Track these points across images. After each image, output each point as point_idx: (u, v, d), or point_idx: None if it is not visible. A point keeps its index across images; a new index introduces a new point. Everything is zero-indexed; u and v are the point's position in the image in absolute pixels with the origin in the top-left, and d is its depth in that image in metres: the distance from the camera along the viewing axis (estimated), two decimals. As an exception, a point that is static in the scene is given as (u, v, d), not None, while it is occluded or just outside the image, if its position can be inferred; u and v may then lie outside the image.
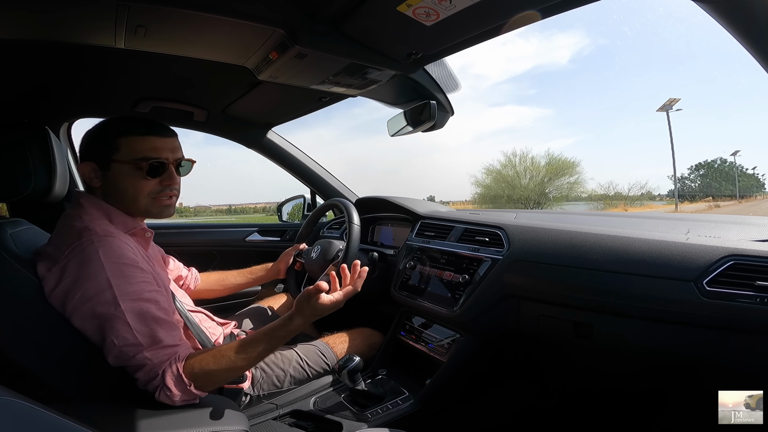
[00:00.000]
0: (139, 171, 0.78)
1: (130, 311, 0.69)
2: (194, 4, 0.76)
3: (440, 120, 1.26)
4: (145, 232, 0.84)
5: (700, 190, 38.38)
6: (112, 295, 0.69)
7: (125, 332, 0.68)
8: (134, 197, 0.80)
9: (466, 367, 1.05)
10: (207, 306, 1.11)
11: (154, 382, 0.69)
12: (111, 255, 0.71)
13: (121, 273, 0.71)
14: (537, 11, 0.75)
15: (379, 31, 0.87)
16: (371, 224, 1.59)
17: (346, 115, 53.56)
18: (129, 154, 0.78)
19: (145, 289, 0.72)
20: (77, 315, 0.70)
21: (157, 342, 0.70)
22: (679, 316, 0.72)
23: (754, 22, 0.53)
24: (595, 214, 1.40)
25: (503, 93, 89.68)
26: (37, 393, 0.70)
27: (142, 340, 0.69)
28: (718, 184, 37.16)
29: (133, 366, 0.69)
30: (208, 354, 0.73)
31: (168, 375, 0.69)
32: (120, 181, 0.79)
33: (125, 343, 0.68)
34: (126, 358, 0.69)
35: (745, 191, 36.30)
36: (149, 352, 0.69)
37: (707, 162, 40.57)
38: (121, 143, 0.78)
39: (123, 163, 0.78)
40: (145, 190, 0.80)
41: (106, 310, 0.69)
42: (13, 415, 0.29)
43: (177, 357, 0.71)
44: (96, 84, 1.18)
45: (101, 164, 0.79)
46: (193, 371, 0.70)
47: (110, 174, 0.79)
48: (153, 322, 0.71)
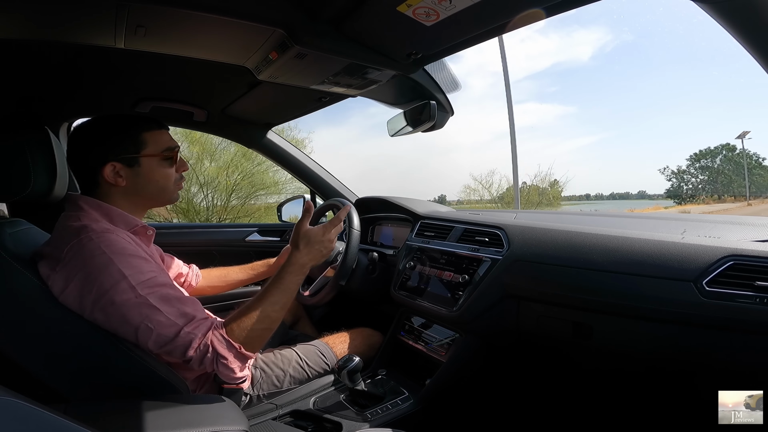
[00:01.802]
0: (166, 161, 0.83)
1: (152, 296, 0.70)
2: (194, 4, 0.76)
3: (440, 120, 1.26)
4: (147, 230, 0.84)
5: (704, 187, 32.62)
6: (129, 284, 0.69)
7: (156, 315, 0.69)
8: (164, 187, 0.84)
9: (466, 367, 1.05)
10: (206, 306, 1.11)
11: (208, 356, 0.70)
12: (114, 248, 0.71)
13: (130, 264, 0.71)
14: (538, 10, 0.75)
15: (379, 31, 0.87)
16: (371, 224, 1.59)
17: (363, 114, 53.52)
18: (157, 148, 0.82)
19: (157, 276, 0.73)
20: (98, 309, 0.69)
21: (191, 318, 0.71)
22: (679, 316, 0.72)
23: (754, 22, 0.53)
24: (595, 214, 1.40)
25: (524, 90, 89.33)
26: (37, 393, 0.70)
27: (175, 319, 0.69)
28: (727, 179, 31.41)
29: (180, 346, 0.69)
30: (238, 315, 0.75)
31: (217, 344, 0.70)
32: (151, 174, 0.82)
33: (161, 326, 0.69)
34: (168, 339, 0.69)
35: (763, 189, 30.39)
36: (189, 327, 0.70)
37: (709, 149, 33.23)
38: (147, 138, 0.82)
39: (152, 156, 0.82)
40: (172, 178, 0.85)
41: (128, 298, 0.69)
42: (13, 415, 0.29)
43: (216, 325, 0.72)
44: (96, 84, 1.18)
45: (128, 162, 0.80)
46: (234, 333, 0.72)
47: (140, 170, 0.81)
48: (177, 301, 0.72)
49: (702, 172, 33.78)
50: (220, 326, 0.73)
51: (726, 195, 30.61)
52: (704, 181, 33.26)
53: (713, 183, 32.28)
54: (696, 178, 34.06)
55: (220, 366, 0.71)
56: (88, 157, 0.80)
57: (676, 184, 34.28)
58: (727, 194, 30.66)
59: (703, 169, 33.57)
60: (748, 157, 31.43)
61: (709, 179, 32.78)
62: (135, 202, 0.83)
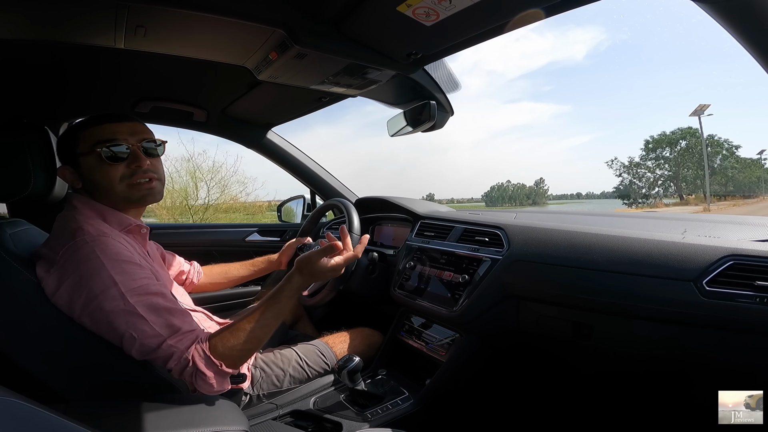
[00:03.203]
0: (104, 159, 0.78)
1: (140, 304, 0.69)
2: (194, 4, 0.76)
3: (440, 120, 1.26)
4: (141, 229, 0.84)
5: (664, 183, 24.95)
6: (119, 291, 0.69)
7: (142, 325, 0.69)
8: (109, 186, 0.78)
9: (466, 367, 1.05)
10: (207, 306, 1.11)
11: (188, 370, 0.69)
12: (108, 253, 0.71)
13: (122, 270, 0.70)
14: (537, 10, 0.75)
15: (379, 31, 0.87)
16: (371, 224, 1.59)
17: (359, 113, 53.37)
18: (88, 144, 0.78)
19: (149, 284, 0.73)
20: (86, 314, 0.69)
21: (176, 330, 0.70)
22: (679, 316, 0.72)
23: (754, 22, 0.53)
24: (595, 214, 1.40)
25: (519, 89, 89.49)
26: (37, 393, 0.70)
27: (160, 330, 0.69)
28: (692, 172, 23.50)
29: (161, 357, 0.69)
30: (226, 332, 0.74)
31: (198, 359, 0.69)
32: (91, 174, 0.78)
33: (145, 336, 0.69)
34: (150, 350, 0.69)
35: (743, 186, 24.40)
36: (172, 340, 0.69)
37: (665, 135, 24.10)
38: (81, 136, 0.79)
39: (86, 155, 0.78)
40: (116, 176, 0.78)
41: (117, 306, 0.68)
42: (13, 415, 0.29)
43: (200, 339, 0.71)
44: (96, 84, 1.18)
45: (72, 163, 0.79)
46: (218, 350, 0.71)
47: (82, 171, 0.79)
48: (165, 312, 0.71)
49: (660, 164, 25.12)
50: (205, 340, 0.72)
51: (693, 194, 23.84)
52: (664, 176, 25.10)
53: (673, 179, 24.26)
54: (653, 173, 25.22)
55: (198, 380, 0.70)
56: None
57: (626, 180, 26.45)
58: (697, 193, 23.96)
59: (661, 161, 24.73)
60: (717, 145, 23.05)
61: (669, 174, 24.67)
62: (105, 202, 0.80)
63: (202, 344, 0.71)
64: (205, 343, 0.71)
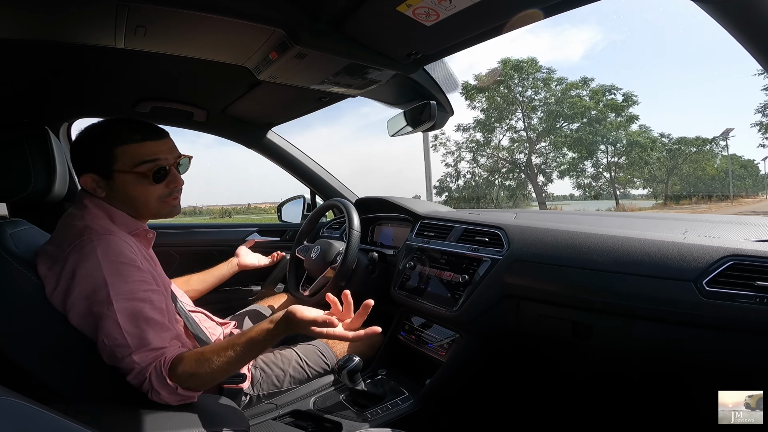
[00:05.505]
0: (145, 178, 0.78)
1: (122, 311, 0.69)
2: (194, 4, 0.76)
3: (440, 120, 1.26)
4: (147, 233, 0.84)
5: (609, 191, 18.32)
6: (106, 294, 0.68)
7: (115, 332, 0.68)
8: (145, 203, 0.80)
9: (466, 367, 1.05)
10: (207, 306, 1.11)
11: (144, 385, 0.69)
12: (109, 253, 0.71)
13: (118, 271, 0.70)
14: (536, 10, 0.75)
15: (379, 32, 0.87)
16: (371, 224, 1.59)
17: (355, 114, 52.73)
18: (129, 163, 0.77)
19: (140, 288, 0.72)
20: (74, 313, 0.70)
21: (145, 344, 0.69)
22: (679, 316, 0.72)
23: (754, 22, 0.53)
24: (595, 214, 1.40)
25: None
26: (37, 393, 0.70)
27: (130, 341, 0.68)
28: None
29: (124, 369, 0.69)
30: (192, 357, 0.70)
31: (154, 378, 0.68)
32: (126, 189, 0.78)
33: (114, 344, 0.68)
34: (116, 359, 0.69)
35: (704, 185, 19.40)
36: (137, 356, 0.68)
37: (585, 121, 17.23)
38: (118, 153, 0.76)
39: (125, 172, 0.77)
40: (154, 195, 0.80)
41: (100, 310, 0.69)
42: (13, 415, 0.29)
43: (163, 360, 0.69)
44: (96, 84, 1.18)
45: (103, 174, 0.78)
46: (178, 373, 0.68)
47: (114, 183, 0.78)
48: (144, 322, 0.70)
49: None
50: (167, 363, 0.69)
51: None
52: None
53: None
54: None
55: (153, 396, 0.68)
56: (74, 165, 0.81)
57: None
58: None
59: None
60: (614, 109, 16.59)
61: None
62: (125, 210, 0.80)
63: (164, 366, 0.68)
64: (167, 366, 0.68)
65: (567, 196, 23.21)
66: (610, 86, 18.72)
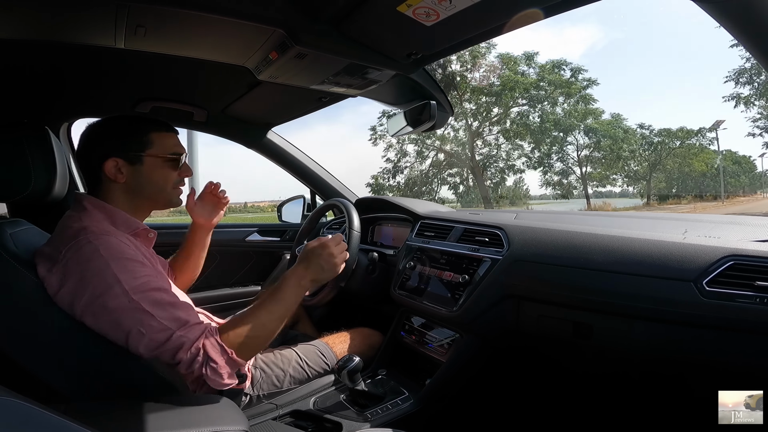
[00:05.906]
0: (169, 163, 0.85)
1: (145, 301, 0.69)
2: (194, 4, 0.76)
3: (440, 120, 1.26)
4: (148, 233, 0.85)
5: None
6: (122, 289, 0.69)
7: (149, 320, 0.69)
8: (162, 188, 0.85)
9: (466, 367, 1.05)
10: (207, 306, 1.11)
11: (198, 359, 0.69)
12: (112, 251, 0.71)
13: (125, 268, 0.71)
14: (536, 10, 0.75)
15: (379, 31, 0.87)
16: (371, 224, 1.59)
17: (355, 113, 52.54)
18: (162, 149, 0.84)
19: (151, 280, 0.73)
20: (89, 313, 0.69)
21: (183, 322, 0.71)
22: (679, 316, 0.72)
23: (754, 22, 0.53)
24: (595, 215, 1.40)
25: None
26: (37, 393, 0.70)
27: (168, 324, 0.69)
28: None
29: (171, 349, 0.69)
30: (235, 321, 0.75)
31: (209, 347, 0.70)
32: (151, 174, 0.83)
33: (153, 331, 0.69)
34: (159, 344, 0.69)
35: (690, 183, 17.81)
36: (182, 331, 0.70)
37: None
38: (154, 139, 0.83)
39: (156, 157, 0.83)
40: (171, 180, 0.86)
41: (121, 303, 0.68)
42: (13, 415, 0.29)
43: (210, 329, 0.72)
44: (96, 84, 1.18)
45: (131, 158, 0.81)
46: (229, 339, 0.72)
47: (142, 168, 0.82)
48: (170, 306, 0.71)
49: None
50: (215, 332, 0.72)
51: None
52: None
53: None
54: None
55: (209, 370, 0.70)
56: (93, 152, 0.81)
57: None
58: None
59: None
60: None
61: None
62: (135, 201, 0.83)
63: (213, 335, 0.72)
64: (216, 334, 0.72)
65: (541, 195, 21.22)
66: (560, 61, 15.77)
